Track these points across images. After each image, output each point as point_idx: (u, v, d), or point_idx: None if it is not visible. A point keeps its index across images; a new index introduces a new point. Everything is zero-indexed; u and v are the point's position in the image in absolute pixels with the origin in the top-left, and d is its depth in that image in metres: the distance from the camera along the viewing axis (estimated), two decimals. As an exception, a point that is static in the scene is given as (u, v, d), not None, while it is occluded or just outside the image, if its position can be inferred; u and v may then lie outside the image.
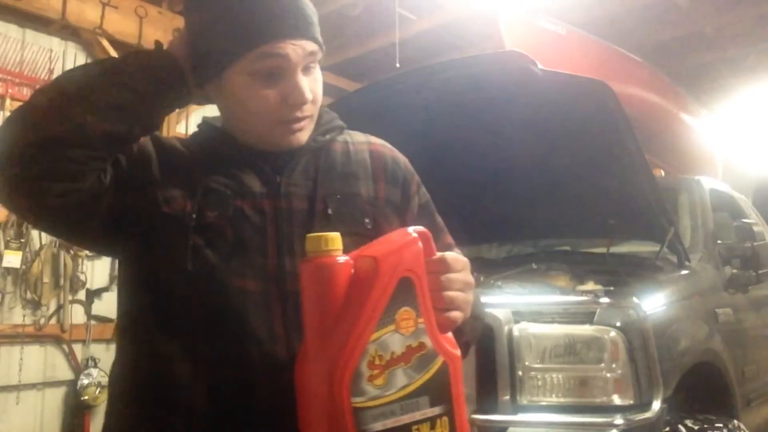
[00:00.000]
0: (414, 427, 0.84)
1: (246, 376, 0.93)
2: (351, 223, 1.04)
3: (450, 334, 0.91)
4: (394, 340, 0.83)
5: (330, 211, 1.03)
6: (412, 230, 0.89)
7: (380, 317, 0.83)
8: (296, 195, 1.04)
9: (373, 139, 1.18)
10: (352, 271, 0.84)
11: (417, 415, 0.84)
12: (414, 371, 0.84)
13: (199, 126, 1.15)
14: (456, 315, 0.91)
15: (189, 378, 0.95)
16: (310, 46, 1.02)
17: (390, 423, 0.83)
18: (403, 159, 1.18)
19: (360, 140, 1.16)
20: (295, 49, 1.00)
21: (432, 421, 0.85)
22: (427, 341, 0.86)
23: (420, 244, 0.87)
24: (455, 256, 0.94)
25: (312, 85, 1.03)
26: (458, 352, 0.90)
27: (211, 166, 1.04)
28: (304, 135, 1.05)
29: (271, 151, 1.05)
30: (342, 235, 0.89)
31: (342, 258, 0.85)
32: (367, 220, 1.06)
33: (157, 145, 1.06)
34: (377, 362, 0.82)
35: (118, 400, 1.03)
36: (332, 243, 0.84)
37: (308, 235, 0.87)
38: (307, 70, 1.03)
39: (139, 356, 1.00)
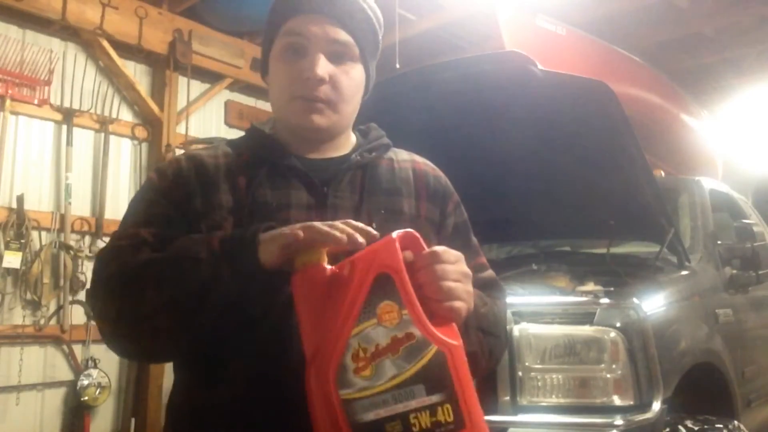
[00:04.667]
0: (412, 416, 0.84)
1: (286, 390, 0.93)
2: None
3: (454, 327, 0.92)
4: (377, 332, 0.86)
5: (374, 226, 1.03)
6: (395, 233, 0.91)
7: (360, 312, 0.86)
8: (342, 207, 1.06)
9: (417, 158, 1.23)
10: (335, 277, 0.89)
11: (413, 404, 0.85)
12: (404, 361, 0.86)
13: (247, 131, 1.18)
14: (457, 305, 0.91)
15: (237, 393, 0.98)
16: (338, 33, 1.06)
17: (383, 412, 0.84)
18: (444, 178, 1.22)
19: (404, 158, 1.20)
20: (316, 29, 1.05)
21: (432, 408, 0.85)
22: (416, 331, 0.86)
23: (397, 244, 0.89)
24: (446, 249, 0.94)
25: (337, 73, 1.06)
26: (458, 341, 0.89)
27: (257, 177, 1.06)
28: (319, 119, 1.07)
29: (316, 162, 1.09)
30: None
31: (324, 266, 0.90)
32: None
33: (200, 170, 1.07)
34: (362, 355, 0.85)
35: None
36: (313, 254, 0.90)
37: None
38: (335, 58, 1.07)
39: (194, 382, 1.03)
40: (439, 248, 0.94)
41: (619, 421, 1.91)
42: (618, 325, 1.99)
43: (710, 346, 2.45)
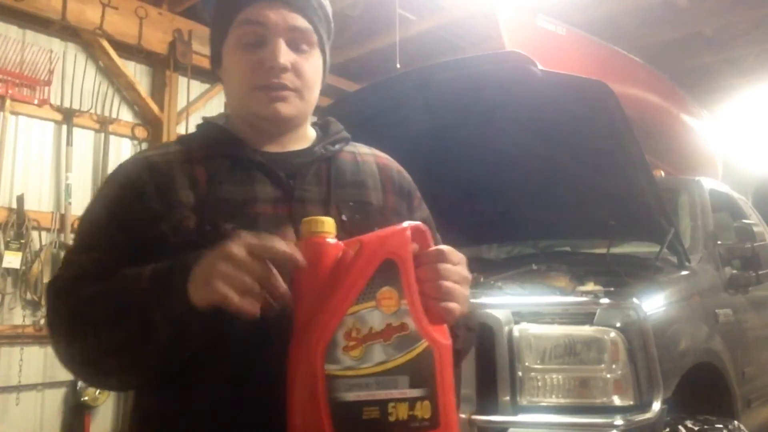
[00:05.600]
0: (390, 405, 0.85)
1: (266, 390, 0.90)
2: (364, 231, 1.03)
3: (445, 327, 0.92)
4: (373, 316, 0.86)
5: (344, 218, 1.04)
6: (406, 223, 0.92)
7: (360, 292, 0.86)
8: (310, 200, 1.04)
9: (377, 152, 1.20)
10: (341, 253, 0.88)
11: (394, 393, 0.85)
12: (394, 349, 0.86)
13: (198, 126, 1.14)
14: (453, 306, 0.91)
15: (212, 397, 0.94)
16: (297, 20, 1.04)
17: (364, 395, 0.84)
18: (406, 173, 1.21)
19: (365, 152, 1.18)
20: (275, 17, 1.02)
21: (411, 402, 0.85)
22: (410, 323, 0.87)
23: (408, 233, 0.90)
24: (452, 250, 0.94)
25: (299, 61, 1.04)
26: (448, 341, 0.90)
27: (218, 172, 1.02)
28: (285, 107, 1.04)
29: (278, 156, 1.06)
30: None
31: (332, 240, 0.88)
32: (377, 228, 1.06)
33: (152, 170, 1.03)
34: (354, 334, 0.85)
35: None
36: (324, 225, 0.88)
37: (303, 219, 0.89)
38: (295, 46, 1.04)
39: (165, 386, 0.98)
40: (445, 247, 0.93)
41: (619, 421, 1.91)
42: (618, 325, 1.99)
43: (710, 346, 2.45)
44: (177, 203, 0.99)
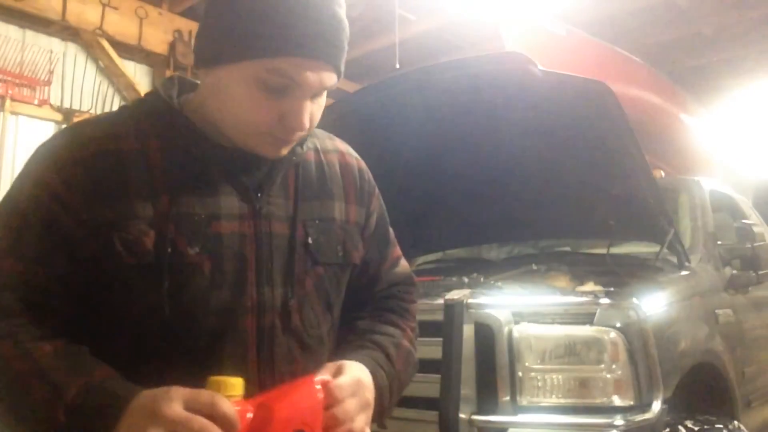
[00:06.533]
0: None
1: None
2: (327, 252, 1.03)
3: None
4: None
5: (310, 241, 1.01)
6: (318, 381, 0.88)
7: None
8: (276, 216, 0.99)
9: (340, 145, 1.15)
10: (249, 416, 0.81)
11: None
12: None
13: (150, 102, 1.00)
14: None
15: None
16: (331, 79, 0.95)
17: None
18: (366, 170, 1.16)
19: (329, 148, 1.12)
20: (313, 79, 0.92)
21: None
22: None
23: (321, 395, 0.87)
24: (340, 385, 0.91)
25: (314, 110, 0.97)
26: None
27: (179, 178, 0.93)
28: (286, 150, 0.99)
29: (245, 157, 0.98)
30: (317, 265, 0.99)
31: (238, 403, 0.81)
32: (339, 248, 1.05)
33: (100, 160, 0.91)
34: None
35: None
36: (231, 389, 0.82)
37: (210, 378, 0.82)
38: (315, 96, 0.96)
39: None
40: (335, 386, 0.90)
41: (619, 421, 1.91)
42: (618, 325, 1.99)
43: (710, 347, 2.45)
44: (132, 215, 0.90)
